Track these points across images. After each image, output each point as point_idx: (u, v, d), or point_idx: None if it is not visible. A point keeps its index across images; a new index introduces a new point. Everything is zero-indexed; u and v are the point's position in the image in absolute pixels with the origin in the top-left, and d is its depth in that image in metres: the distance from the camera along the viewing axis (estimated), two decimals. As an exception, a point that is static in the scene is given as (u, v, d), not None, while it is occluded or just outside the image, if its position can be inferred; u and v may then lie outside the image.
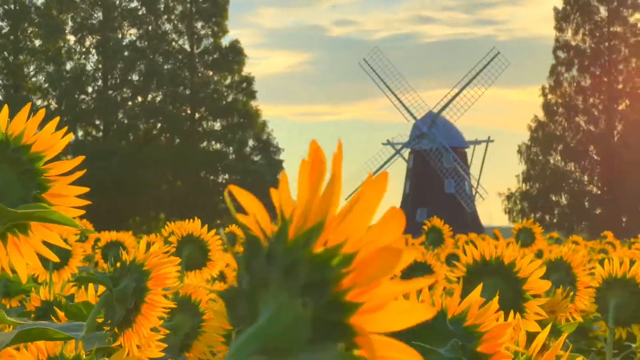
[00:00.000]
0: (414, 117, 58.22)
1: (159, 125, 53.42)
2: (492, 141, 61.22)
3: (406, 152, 60.74)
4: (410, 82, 57.09)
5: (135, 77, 53.75)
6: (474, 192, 59.89)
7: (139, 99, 54.05)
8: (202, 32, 56.17)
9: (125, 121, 52.75)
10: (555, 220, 59.98)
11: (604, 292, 2.17)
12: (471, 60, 59.60)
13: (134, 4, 54.09)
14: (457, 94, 57.67)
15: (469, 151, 61.21)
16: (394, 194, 72.96)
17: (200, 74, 55.82)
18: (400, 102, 57.61)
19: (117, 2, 53.39)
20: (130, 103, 53.51)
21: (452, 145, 58.31)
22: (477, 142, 61.14)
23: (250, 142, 56.08)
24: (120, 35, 53.74)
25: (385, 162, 58.62)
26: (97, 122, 52.82)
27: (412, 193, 60.87)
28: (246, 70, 55.86)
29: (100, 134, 52.98)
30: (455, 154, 58.29)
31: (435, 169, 57.99)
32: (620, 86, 60.89)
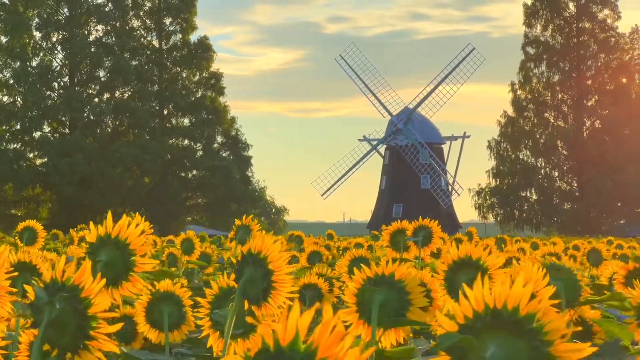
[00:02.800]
0: (390, 113, 58.21)
1: (126, 121, 53.16)
2: (468, 137, 61.24)
3: (383, 148, 60.74)
4: (404, 78, 57.04)
5: (102, 74, 53.52)
6: (450, 188, 59.93)
7: (106, 95, 53.81)
8: (171, 28, 56.01)
9: (92, 117, 52.47)
10: (524, 216, 60.14)
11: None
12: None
13: (100, 0, 53.84)
14: (432, 90, 57.72)
15: (445, 147, 61.28)
16: (370, 190, 72.81)
17: (168, 70, 55.63)
18: (376, 97, 57.60)
19: (84, -2, 53.13)
20: (96, 100, 53.23)
21: (428, 141, 58.28)
22: (453, 138, 61.16)
23: (219, 138, 55.97)
24: (86, 32, 53.43)
25: (361, 158, 58.59)
26: (64, 118, 52.53)
27: (388, 189, 60.83)
28: (239, 66, 56.00)
29: (67, 130, 52.69)
30: (432, 149, 58.28)
31: (411, 165, 57.98)
32: (589, 82, 61.11)
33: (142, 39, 55.42)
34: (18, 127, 51.83)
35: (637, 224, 53.85)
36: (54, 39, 52.96)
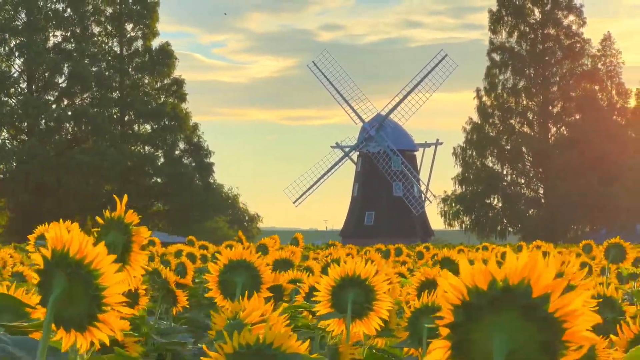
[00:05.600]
0: (362, 120, 57.92)
1: (84, 128, 52.66)
2: (441, 144, 61.02)
3: (356, 155, 60.46)
4: (398, 84, 56.71)
5: (61, 80, 53.04)
6: (422, 195, 59.66)
7: (66, 101, 53.28)
8: (132, 34, 55.56)
9: (51, 124, 51.94)
10: (489, 223, 59.86)
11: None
12: (459, 64, 59.95)
13: (59, 6, 53.28)
14: (405, 97, 57.44)
15: (418, 154, 61.03)
16: (342, 197, 72.45)
17: (130, 77, 55.17)
18: (348, 104, 57.31)
19: (41, 3, 52.50)
20: (54, 106, 52.69)
21: (400, 148, 58.02)
22: (426, 145, 60.92)
23: (182, 145, 55.54)
24: (45, 37, 52.90)
25: (333, 166, 58.26)
26: (22, 125, 51.97)
27: (360, 196, 60.54)
28: (232, 74, 55.56)
29: (25, 137, 52.12)
30: (404, 156, 58.00)
31: (383, 172, 57.68)
32: (554, 88, 60.93)
33: (103, 45, 54.95)
34: (-25, 133, 51.34)
35: (598, 233, 53.68)
36: (12, 45, 52.43)
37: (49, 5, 53.03)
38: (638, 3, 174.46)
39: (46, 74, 52.65)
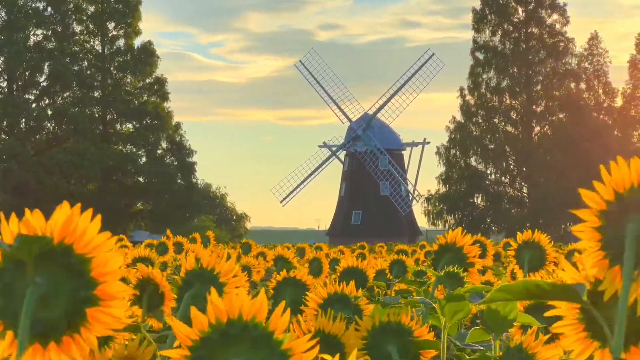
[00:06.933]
0: (349, 119, 57.88)
1: (65, 127, 52.36)
2: (428, 143, 61.02)
3: (343, 154, 60.43)
4: (396, 85, 56.52)
5: (41, 79, 52.69)
6: (410, 195, 59.64)
7: (47, 100, 52.99)
8: (114, 33, 55.27)
9: (31, 123, 51.63)
10: (472, 223, 59.73)
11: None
12: (455, 64, 59.98)
13: (40, 4, 52.96)
14: (392, 96, 57.44)
15: (406, 153, 61.04)
16: (330, 196, 72.41)
17: (112, 76, 54.91)
18: (335, 103, 57.30)
19: (22, 1, 52.16)
20: (34, 105, 52.37)
21: (387, 147, 58.01)
22: (414, 144, 60.93)
23: (164, 144, 55.32)
24: (25, 36, 52.55)
25: (320, 165, 58.20)
26: (1, 124, 51.65)
27: (348, 196, 60.53)
28: (230, 74, 55.35)
29: (5, 136, 51.79)
30: (392, 156, 57.99)
31: (370, 171, 57.66)
32: (538, 87, 60.84)
33: (85, 44, 54.65)
34: (-46, 132, 51.03)
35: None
36: (-8, 43, 52.13)
37: (29, 3, 52.69)
38: (635, 4, 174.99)
39: (26, 73, 52.31)
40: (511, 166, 60.77)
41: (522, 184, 60.73)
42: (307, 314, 1.98)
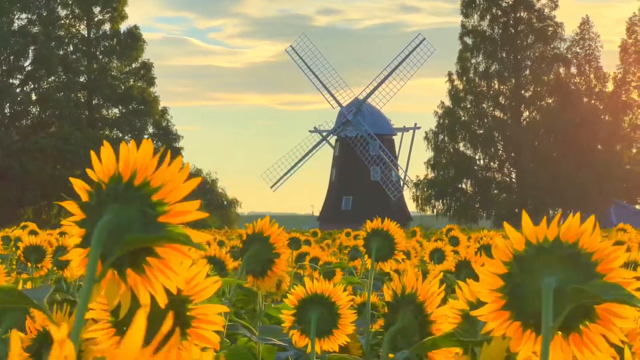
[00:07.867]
0: (340, 104, 57.66)
1: (49, 112, 51.99)
2: (419, 128, 60.83)
3: (334, 140, 60.25)
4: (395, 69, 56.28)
5: (26, 63, 52.32)
6: (401, 180, 59.47)
7: (31, 85, 52.58)
8: (100, 17, 54.87)
9: (16, 108, 51.26)
10: (460, 208, 59.54)
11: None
12: (455, 49, 59.65)
13: (24, -12, 52.56)
14: (382, 81, 57.25)
15: (397, 138, 60.84)
16: (320, 181, 72.15)
17: (98, 60, 54.56)
18: (326, 88, 57.06)
19: (6, -15, 51.79)
20: (19, 90, 51.97)
21: (378, 132, 57.85)
22: (404, 130, 60.77)
23: (150, 129, 55.05)
24: (9, 20, 52.09)
25: (311, 149, 58.00)
26: (-15, 109, 51.35)
27: (338, 181, 60.38)
28: (229, 59, 55.06)
29: (-10, 121, 51.50)
30: (382, 141, 57.83)
31: (361, 156, 57.49)
32: (526, 72, 60.57)
33: (70, 28, 54.24)
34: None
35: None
36: (-25, 28, 51.69)
37: (13, -13, 52.30)
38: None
39: (11, 58, 51.90)
40: (500, 151, 60.49)
41: (511, 169, 60.48)
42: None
